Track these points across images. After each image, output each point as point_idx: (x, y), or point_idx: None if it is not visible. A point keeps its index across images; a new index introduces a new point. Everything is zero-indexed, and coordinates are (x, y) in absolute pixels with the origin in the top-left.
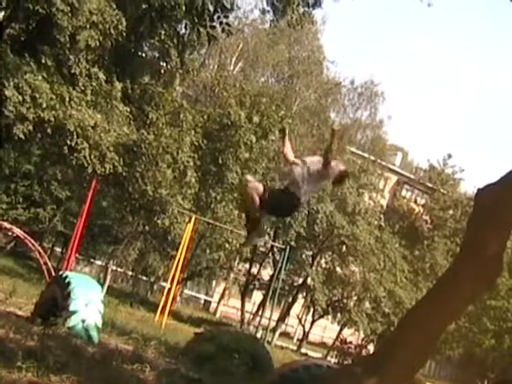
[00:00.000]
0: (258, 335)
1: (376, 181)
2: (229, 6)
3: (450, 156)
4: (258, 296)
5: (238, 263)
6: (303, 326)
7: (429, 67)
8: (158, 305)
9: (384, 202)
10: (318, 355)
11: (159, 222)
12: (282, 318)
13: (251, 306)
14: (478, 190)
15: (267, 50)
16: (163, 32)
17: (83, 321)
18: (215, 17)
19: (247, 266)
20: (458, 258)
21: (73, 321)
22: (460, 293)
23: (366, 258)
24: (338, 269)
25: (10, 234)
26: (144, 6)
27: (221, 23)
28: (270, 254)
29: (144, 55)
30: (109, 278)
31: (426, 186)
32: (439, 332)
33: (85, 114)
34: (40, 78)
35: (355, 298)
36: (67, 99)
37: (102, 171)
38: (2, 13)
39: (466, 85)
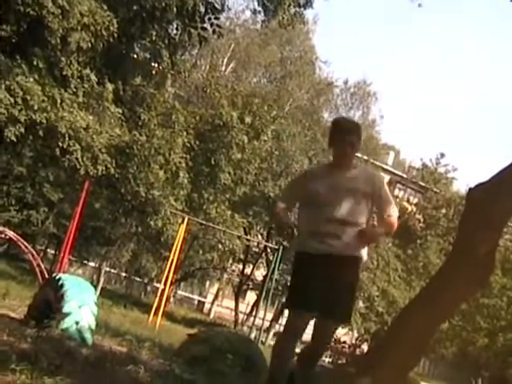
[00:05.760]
0: (252, 335)
1: None
2: (219, 7)
3: (442, 155)
4: (251, 296)
5: (232, 264)
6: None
7: (420, 67)
8: (151, 306)
9: None
10: None
11: (152, 223)
12: (275, 318)
13: (245, 306)
14: (470, 188)
15: (259, 51)
16: (154, 33)
17: (77, 323)
18: (206, 18)
19: (240, 266)
20: (450, 257)
21: (66, 323)
22: (453, 292)
23: None
24: None
25: (2, 236)
26: (135, 8)
27: (211, 25)
28: (264, 255)
29: (135, 56)
30: (102, 279)
31: (419, 185)
32: (432, 331)
33: (76, 116)
34: (31, 80)
35: None
36: (59, 101)
37: (95, 173)
38: None
39: (457, 84)
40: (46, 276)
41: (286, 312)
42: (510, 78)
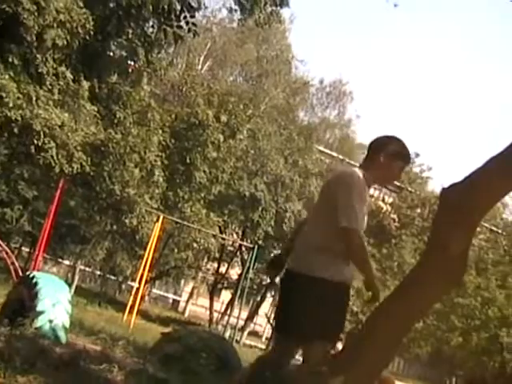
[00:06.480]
0: (227, 334)
1: None
2: (195, 6)
3: (417, 155)
4: (226, 295)
5: (206, 262)
6: (272, 325)
7: (396, 66)
8: (126, 304)
9: None
10: None
11: (127, 221)
12: (250, 317)
13: (220, 305)
14: (443, 188)
15: (235, 49)
16: (131, 31)
17: (50, 321)
18: (182, 16)
19: (215, 265)
20: (424, 256)
21: (40, 321)
22: (425, 291)
23: None
24: None
25: None
26: (111, 5)
27: (187, 23)
28: (238, 253)
29: (111, 54)
30: (77, 277)
31: (394, 184)
32: (405, 330)
33: (52, 114)
34: (7, 77)
35: None
36: (34, 98)
37: (70, 171)
38: None
39: (432, 84)
40: (20, 274)
41: (261, 310)
42: (485, 75)
